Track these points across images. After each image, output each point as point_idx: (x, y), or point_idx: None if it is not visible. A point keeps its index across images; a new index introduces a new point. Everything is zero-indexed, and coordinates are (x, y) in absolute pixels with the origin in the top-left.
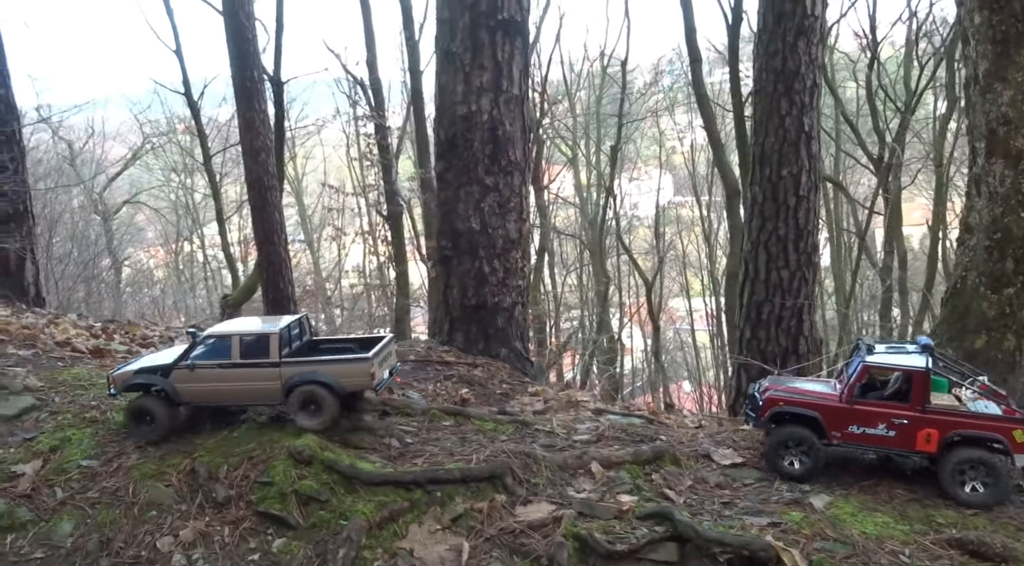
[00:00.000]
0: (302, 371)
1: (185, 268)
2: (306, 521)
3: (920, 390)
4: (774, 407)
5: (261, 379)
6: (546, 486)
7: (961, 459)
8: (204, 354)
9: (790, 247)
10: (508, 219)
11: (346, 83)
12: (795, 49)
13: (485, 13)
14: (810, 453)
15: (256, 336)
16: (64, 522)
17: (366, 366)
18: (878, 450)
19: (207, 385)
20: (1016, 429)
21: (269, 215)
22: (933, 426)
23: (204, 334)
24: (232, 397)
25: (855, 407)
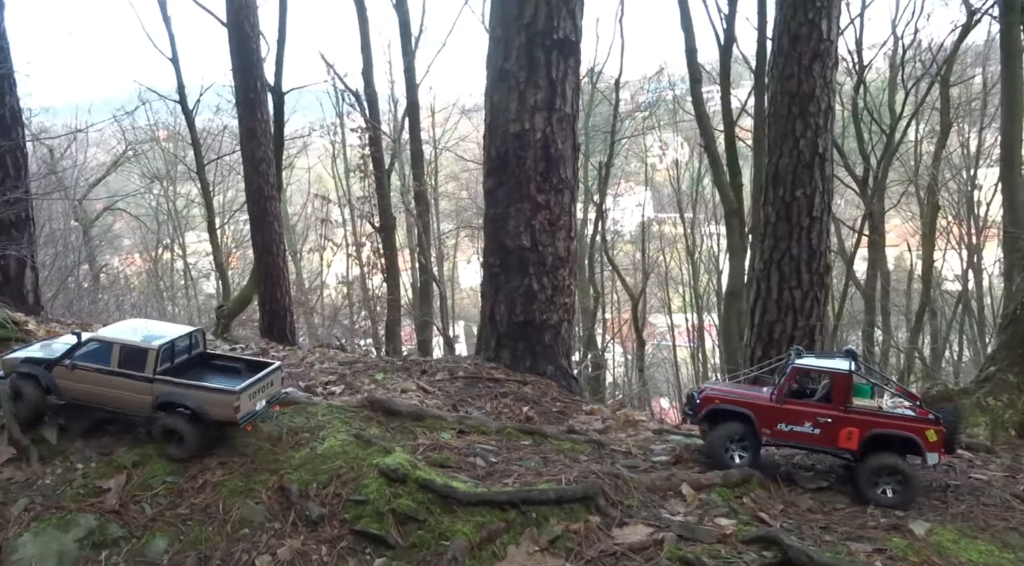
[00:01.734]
0: (172, 392)
1: (164, 276)
2: (405, 541)
3: (842, 391)
4: (710, 405)
5: (134, 391)
6: (639, 508)
7: (876, 466)
8: (86, 356)
9: (803, 267)
10: (558, 237)
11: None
12: (810, 72)
13: (541, 32)
14: (749, 447)
15: (136, 348)
16: (158, 539)
17: (230, 400)
18: (804, 447)
19: (84, 386)
20: (928, 429)
21: (268, 225)
22: (854, 425)
23: (89, 336)
24: (106, 401)
25: (784, 406)
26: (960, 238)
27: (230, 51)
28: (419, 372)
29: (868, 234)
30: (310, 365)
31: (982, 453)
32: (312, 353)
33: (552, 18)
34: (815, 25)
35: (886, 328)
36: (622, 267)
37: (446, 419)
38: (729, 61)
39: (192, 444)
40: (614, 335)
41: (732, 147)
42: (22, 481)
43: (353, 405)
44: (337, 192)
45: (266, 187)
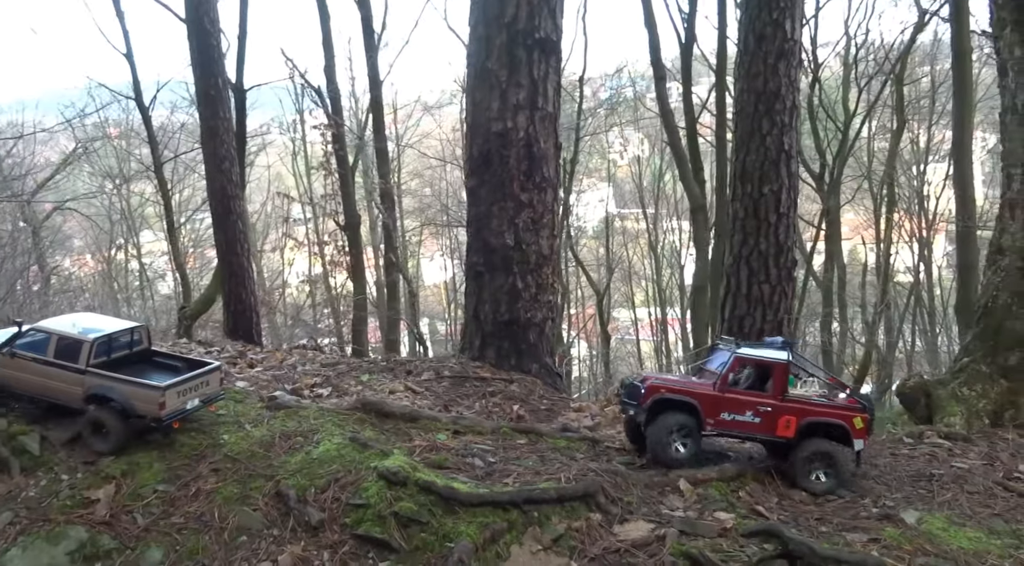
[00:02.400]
0: (101, 384)
1: (119, 277)
2: (408, 544)
3: (781, 381)
4: (656, 394)
5: (66, 382)
6: (639, 504)
7: (810, 452)
8: (26, 345)
9: (771, 262)
10: (541, 235)
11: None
12: (776, 70)
13: (523, 32)
14: (691, 438)
15: (71, 340)
16: (153, 549)
17: (155, 395)
18: (745, 436)
19: (22, 374)
20: (855, 416)
21: (232, 224)
22: (791, 413)
23: (30, 326)
24: (41, 391)
25: (726, 395)
26: (911, 232)
27: (189, 48)
28: (404, 372)
29: (825, 229)
30: (292, 367)
31: (960, 442)
32: (290, 354)
33: (533, 17)
34: (779, 25)
35: (843, 319)
36: (586, 262)
37: (440, 420)
38: (690, 59)
39: (117, 438)
40: (579, 330)
41: (694, 144)
42: (4, 494)
43: (345, 408)
44: (298, 189)
45: (229, 186)
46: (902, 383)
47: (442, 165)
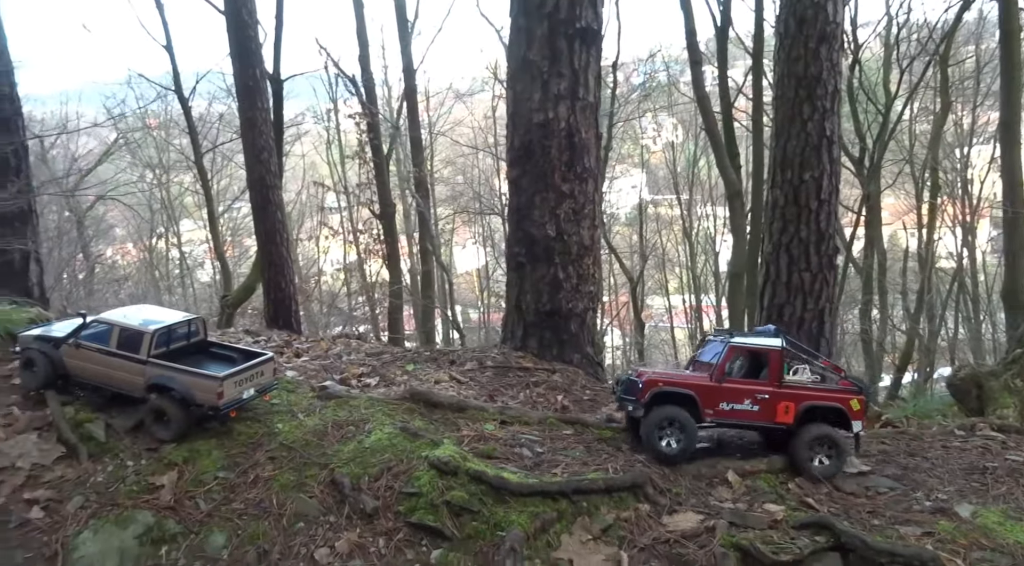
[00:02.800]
0: (162, 374)
1: (159, 265)
2: (461, 532)
3: (777, 367)
4: (654, 388)
5: (129, 371)
6: (687, 495)
7: (812, 436)
8: (90, 336)
9: (811, 250)
10: (582, 225)
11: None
12: (817, 54)
13: (563, 21)
14: (684, 432)
15: (133, 331)
16: (216, 534)
17: (213, 385)
18: (744, 424)
19: (87, 364)
20: (852, 399)
21: (271, 214)
22: (790, 399)
23: (93, 318)
24: (105, 380)
25: (724, 385)
26: (954, 217)
27: (228, 39)
28: (448, 362)
29: (864, 214)
30: (337, 356)
31: (1013, 434)
32: (335, 344)
33: (574, 7)
34: (821, 7)
35: (883, 306)
36: (619, 250)
37: (487, 410)
38: (726, 42)
39: (178, 426)
40: (613, 318)
41: (730, 129)
42: (74, 479)
43: (394, 397)
44: (332, 178)
45: (268, 176)
46: (953, 374)
47: (474, 152)
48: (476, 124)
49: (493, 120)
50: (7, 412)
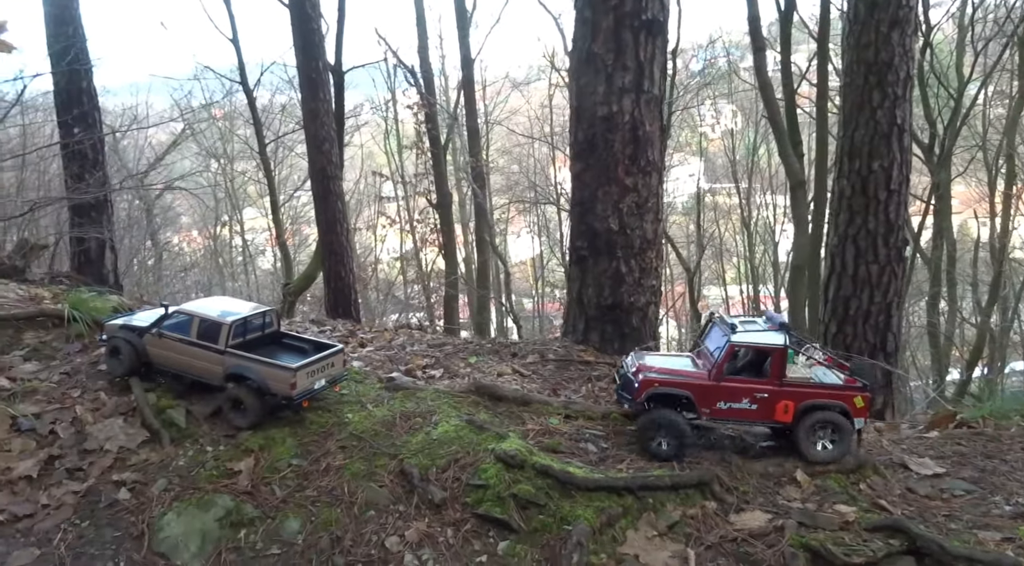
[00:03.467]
0: (239, 364)
1: (223, 253)
2: (527, 525)
3: (778, 365)
4: (650, 388)
5: (208, 361)
6: (755, 494)
7: (813, 421)
8: (172, 326)
9: (880, 242)
10: (645, 219)
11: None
12: (888, 40)
13: (629, 14)
14: (678, 434)
15: (212, 322)
16: (291, 520)
17: (287, 375)
18: (742, 423)
19: (169, 353)
20: (856, 396)
21: (332, 204)
22: (790, 398)
23: (175, 309)
24: (186, 369)
25: (722, 384)
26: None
27: (292, 32)
28: (510, 355)
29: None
30: (401, 347)
31: None
32: (397, 334)
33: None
34: None
35: (952, 299)
36: (675, 239)
37: (551, 404)
38: (789, 27)
39: (254, 414)
40: (668, 309)
41: (793, 116)
42: (157, 462)
43: (459, 390)
44: (389, 167)
45: (329, 167)
46: None
47: (530, 142)
48: (532, 113)
49: (549, 109)
50: (95, 397)
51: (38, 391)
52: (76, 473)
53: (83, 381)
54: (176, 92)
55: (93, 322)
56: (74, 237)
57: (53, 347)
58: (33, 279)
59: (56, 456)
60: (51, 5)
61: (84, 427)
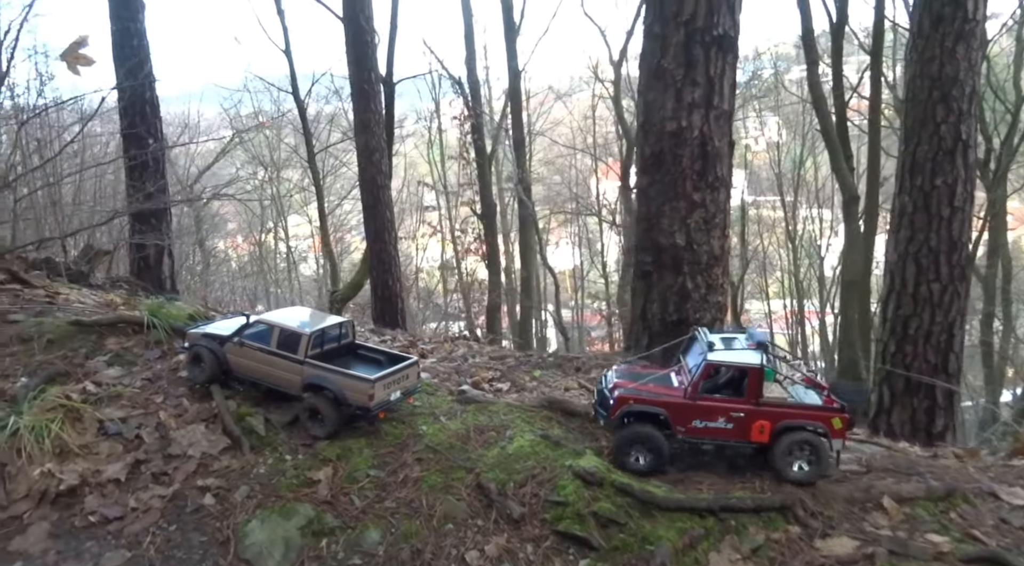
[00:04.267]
0: (318, 374)
1: (268, 258)
2: (608, 543)
3: (755, 386)
4: (624, 406)
5: (288, 370)
6: (840, 520)
7: (789, 443)
8: (252, 335)
9: (942, 259)
10: (713, 235)
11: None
12: (953, 54)
13: (700, 29)
14: (655, 449)
15: (292, 332)
16: (371, 530)
17: (365, 387)
18: (717, 442)
19: (249, 362)
20: (834, 417)
21: (380, 213)
22: (766, 418)
23: (255, 318)
24: (265, 378)
25: (698, 403)
26: None
27: (346, 45)
28: (573, 369)
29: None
30: (463, 358)
31: None
32: (456, 345)
33: (712, 14)
34: (960, 4)
35: (1007, 317)
36: None
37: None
38: (841, 40)
39: (332, 424)
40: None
41: (844, 130)
42: (239, 469)
43: (530, 404)
44: (432, 177)
45: (379, 176)
46: None
47: (572, 153)
48: (575, 124)
49: (592, 120)
50: (177, 403)
51: (122, 396)
52: (161, 478)
53: (164, 387)
54: (226, 101)
55: (170, 329)
56: (133, 243)
57: (134, 353)
58: (96, 284)
59: (142, 460)
60: (117, 19)
61: (168, 432)
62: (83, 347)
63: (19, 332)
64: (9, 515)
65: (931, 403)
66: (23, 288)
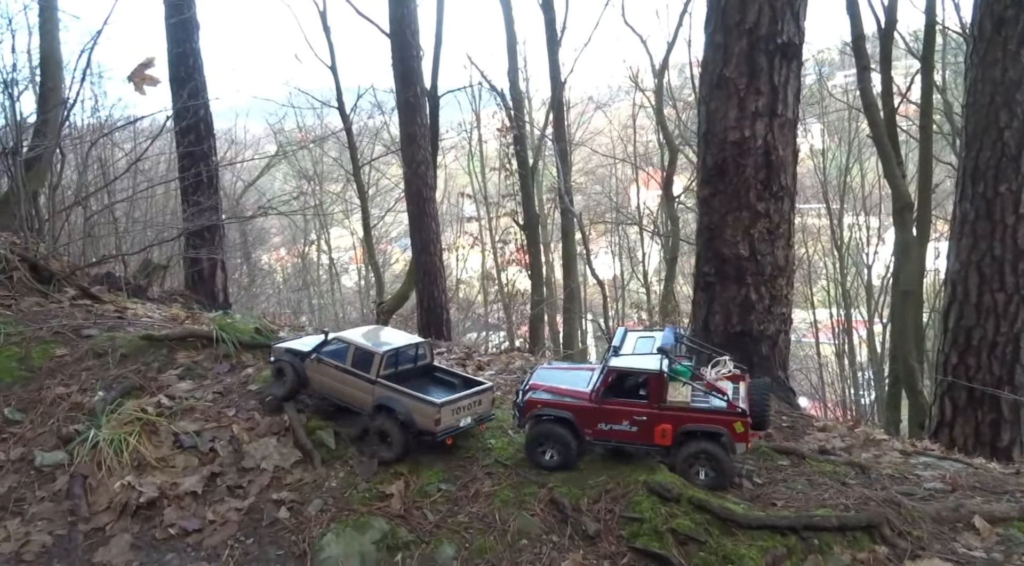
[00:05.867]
0: (388, 395)
1: (311, 270)
2: (688, 561)
3: (656, 390)
4: (533, 410)
5: (359, 389)
6: (930, 540)
7: (689, 453)
8: (330, 353)
9: (1007, 268)
10: (777, 245)
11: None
12: (1017, 58)
13: (764, 38)
14: (563, 446)
15: (365, 351)
16: (445, 545)
17: (432, 411)
18: (623, 444)
19: (325, 378)
20: (736, 421)
21: (426, 226)
22: (668, 422)
23: (334, 336)
24: (338, 395)
25: (603, 406)
26: None
27: (392, 59)
28: None
29: None
30: (521, 371)
31: None
32: (512, 358)
33: (776, 22)
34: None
35: None
36: None
37: None
38: (890, 44)
39: (398, 447)
40: None
41: (894, 136)
42: (311, 482)
43: None
44: (472, 187)
45: (424, 189)
46: None
47: (612, 163)
48: (615, 134)
49: (633, 129)
50: (249, 416)
51: (195, 409)
52: (236, 490)
53: (235, 400)
54: (271, 116)
55: (238, 342)
56: (187, 258)
57: (204, 367)
58: (153, 298)
59: (217, 473)
60: (175, 41)
61: (240, 446)
62: (155, 361)
63: (93, 346)
64: (92, 527)
65: (996, 416)
66: (93, 303)
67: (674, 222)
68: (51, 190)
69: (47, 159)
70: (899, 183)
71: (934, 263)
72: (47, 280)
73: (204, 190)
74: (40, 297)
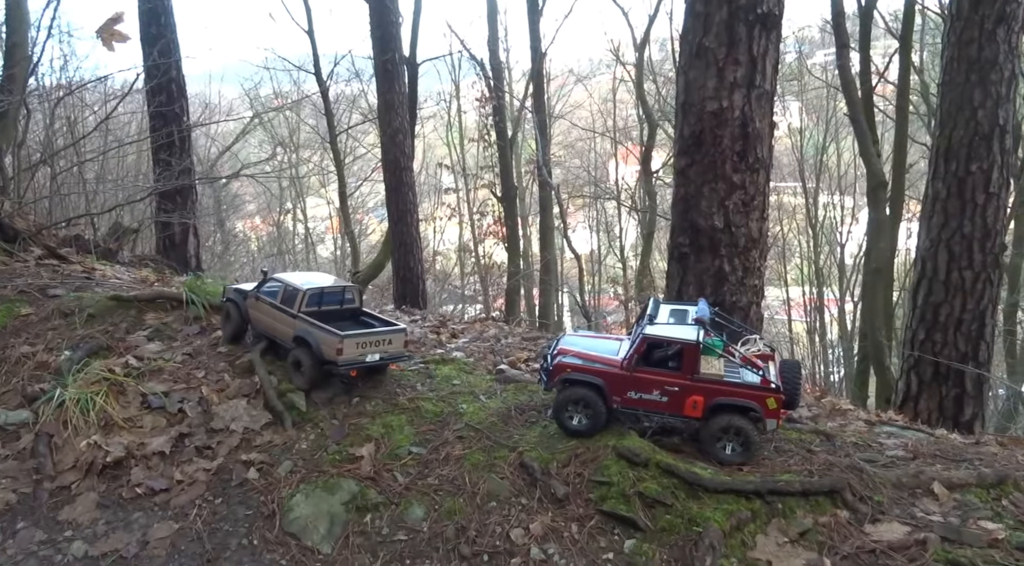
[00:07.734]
0: (303, 328)
1: (286, 239)
2: (654, 524)
3: (691, 361)
4: (562, 373)
5: (285, 323)
6: (890, 505)
7: (719, 427)
8: (267, 291)
9: (975, 247)
10: (751, 217)
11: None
12: (993, 37)
13: (744, 7)
14: (593, 411)
15: (293, 289)
16: (415, 507)
17: (334, 341)
18: (652, 413)
19: (262, 316)
20: (768, 397)
21: (403, 195)
22: (700, 393)
23: (272, 276)
24: (272, 331)
25: (635, 374)
26: None
27: (370, 25)
28: None
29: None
30: (495, 339)
31: None
32: (487, 326)
33: None
34: None
35: None
36: None
37: None
38: (870, 23)
39: (309, 375)
40: None
41: (871, 116)
42: (281, 444)
43: None
44: (451, 159)
45: (401, 158)
46: None
47: (591, 136)
48: (595, 107)
49: (612, 103)
50: (219, 378)
51: (164, 370)
52: (205, 451)
53: (205, 362)
54: (247, 82)
55: (208, 305)
56: (159, 222)
57: (173, 328)
58: (123, 261)
59: (185, 434)
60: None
61: (210, 407)
62: (123, 322)
63: (60, 306)
64: (57, 485)
65: (960, 391)
66: (60, 264)
67: (652, 197)
68: (16, 147)
69: (12, 115)
70: (874, 162)
71: (906, 243)
72: (12, 239)
73: (176, 152)
74: (5, 255)
